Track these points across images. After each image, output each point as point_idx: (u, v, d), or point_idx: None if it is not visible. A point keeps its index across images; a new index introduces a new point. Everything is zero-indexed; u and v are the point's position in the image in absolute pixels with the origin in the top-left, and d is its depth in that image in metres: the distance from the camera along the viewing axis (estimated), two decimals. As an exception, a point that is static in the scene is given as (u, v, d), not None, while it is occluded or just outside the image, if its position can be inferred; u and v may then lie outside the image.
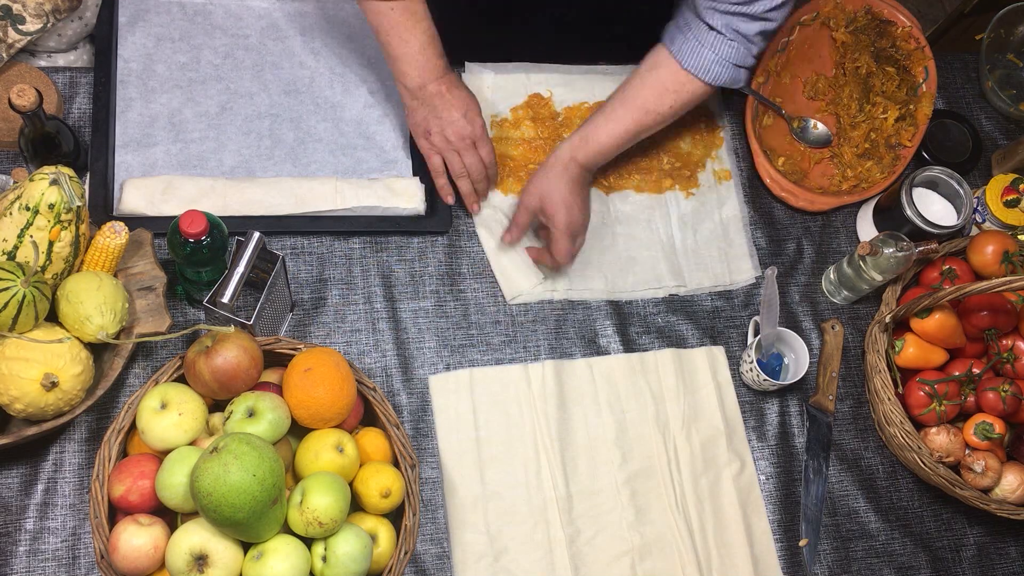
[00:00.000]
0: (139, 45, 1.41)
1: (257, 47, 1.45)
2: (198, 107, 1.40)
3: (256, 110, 1.41)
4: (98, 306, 1.10)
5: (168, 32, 1.42)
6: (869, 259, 1.35)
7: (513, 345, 1.36)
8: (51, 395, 1.06)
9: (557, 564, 1.26)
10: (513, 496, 1.28)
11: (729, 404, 1.38)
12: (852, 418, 1.42)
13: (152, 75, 1.40)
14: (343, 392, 1.13)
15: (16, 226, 1.08)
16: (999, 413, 1.33)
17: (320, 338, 1.32)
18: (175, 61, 1.41)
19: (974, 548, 1.39)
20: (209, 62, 1.43)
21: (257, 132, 1.40)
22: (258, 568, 1.02)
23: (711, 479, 1.34)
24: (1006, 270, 1.38)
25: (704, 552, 1.30)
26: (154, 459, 1.09)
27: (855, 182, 1.51)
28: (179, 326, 1.28)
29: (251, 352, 1.11)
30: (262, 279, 1.19)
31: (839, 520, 1.37)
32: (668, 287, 1.43)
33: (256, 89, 1.43)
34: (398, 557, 1.12)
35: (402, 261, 1.38)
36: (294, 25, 1.47)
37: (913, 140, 1.53)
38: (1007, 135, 1.64)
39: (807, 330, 1.45)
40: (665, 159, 1.50)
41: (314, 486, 1.06)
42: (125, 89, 1.38)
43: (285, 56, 1.45)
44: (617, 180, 1.47)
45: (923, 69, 1.54)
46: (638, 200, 1.48)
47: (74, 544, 1.18)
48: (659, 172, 1.49)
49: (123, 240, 1.16)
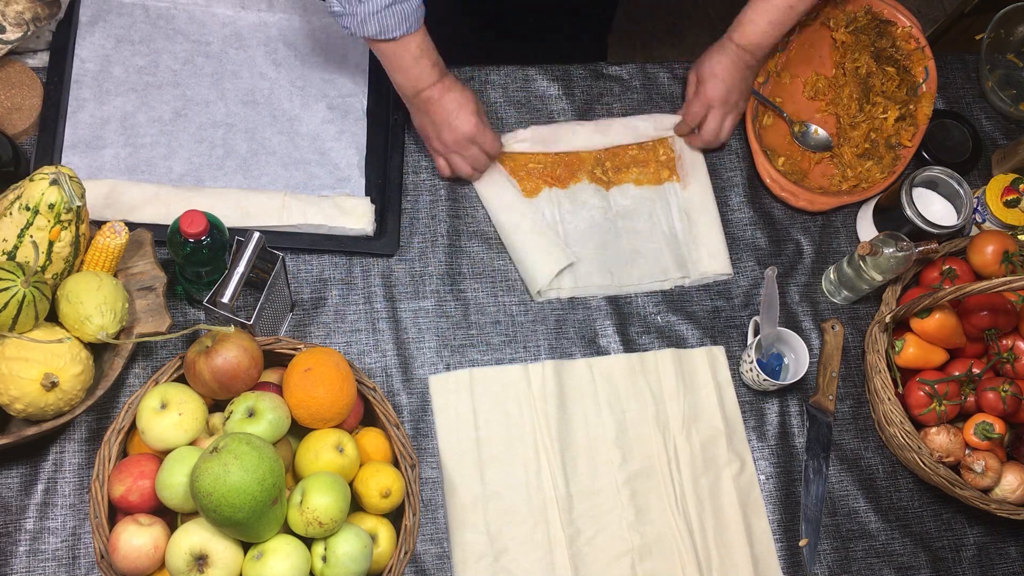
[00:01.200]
0: (97, 46, 1.39)
1: (218, 55, 1.43)
2: (152, 112, 1.38)
3: (211, 118, 1.39)
4: (98, 306, 1.10)
5: (128, 34, 1.41)
6: (869, 259, 1.35)
7: (513, 345, 1.36)
8: (51, 395, 1.06)
9: (557, 564, 1.26)
10: (513, 496, 1.28)
11: (729, 404, 1.38)
12: (852, 418, 1.42)
13: (108, 77, 1.38)
14: (343, 392, 1.13)
15: (16, 226, 1.08)
16: (999, 413, 1.33)
17: (320, 338, 1.32)
18: (133, 64, 1.39)
19: (974, 548, 1.39)
20: (168, 67, 1.41)
21: (210, 141, 1.38)
22: (258, 568, 1.02)
23: (711, 479, 1.34)
24: (1006, 270, 1.38)
25: (704, 552, 1.30)
26: (154, 459, 1.09)
27: (855, 182, 1.51)
28: (179, 326, 1.28)
29: (251, 352, 1.12)
30: (262, 279, 1.19)
31: (839, 520, 1.37)
32: (673, 279, 1.43)
33: (213, 97, 1.41)
34: (398, 557, 1.12)
35: (402, 261, 1.38)
36: (258, 35, 1.45)
37: (913, 140, 1.53)
38: (1007, 135, 1.64)
39: (807, 330, 1.45)
40: (661, 150, 1.50)
41: (314, 486, 1.06)
42: (79, 90, 1.36)
43: (246, 65, 1.43)
44: (616, 175, 1.48)
45: (923, 69, 1.54)
46: (638, 193, 1.47)
47: (74, 544, 1.18)
48: (656, 164, 1.49)
49: (123, 240, 1.16)
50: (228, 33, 1.45)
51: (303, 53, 1.45)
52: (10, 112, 1.31)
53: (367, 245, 1.36)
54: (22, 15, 1.28)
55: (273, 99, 1.42)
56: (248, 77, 1.43)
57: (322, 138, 1.41)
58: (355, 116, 1.43)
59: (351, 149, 1.42)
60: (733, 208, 1.50)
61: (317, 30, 1.47)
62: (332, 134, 1.42)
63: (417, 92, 1.31)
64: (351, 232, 1.34)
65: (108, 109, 1.37)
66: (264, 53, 1.44)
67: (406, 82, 1.31)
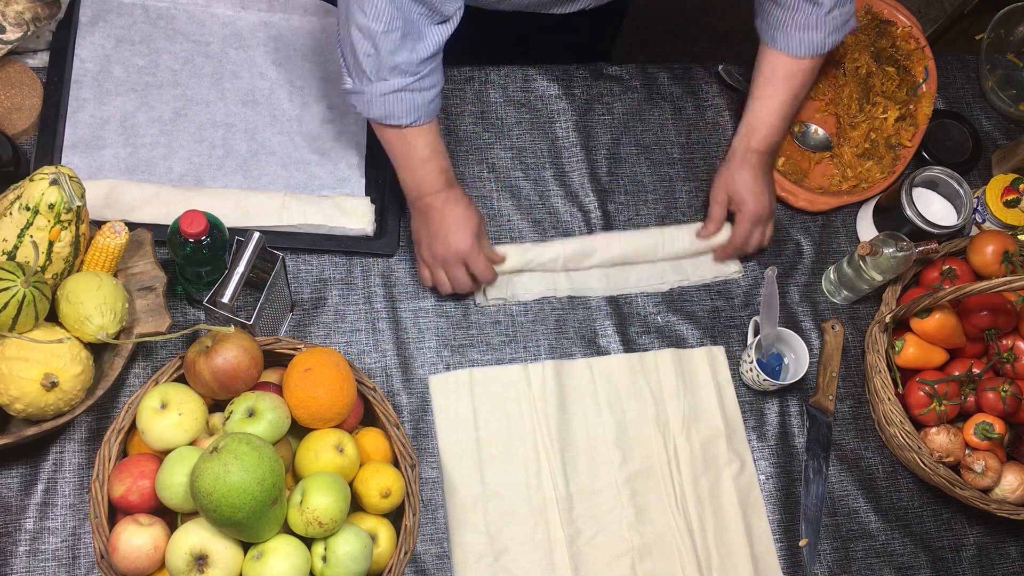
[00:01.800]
0: (98, 46, 1.39)
1: (218, 55, 1.43)
2: (152, 111, 1.38)
3: (211, 118, 1.39)
4: (98, 306, 1.10)
5: (128, 34, 1.41)
6: (869, 259, 1.35)
7: (513, 345, 1.36)
8: (51, 395, 1.06)
9: (557, 564, 1.26)
10: (513, 496, 1.28)
11: (729, 404, 1.38)
12: (852, 418, 1.42)
13: (108, 77, 1.38)
14: (343, 392, 1.13)
15: (16, 226, 1.08)
16: (999, 413, 1.33)
17: (320, 338, 1.32)
18: (133, 64, 1.39)
19: (974, 548, 1.39)
20: (168, 67, 1.41)
21: (210, 141, 1.38)
22: (258, 568, 1.02)
23: (711, 479, 1.34)
24: (1006, 270, 1.38)
25: (704, 552, 1.30)
26: (154, 459, 1.09)
27: (855, 182, 1.51)
28: (179, 326, 1.28)
29: (251, 352, 1.12)
30: (262, 279, 1.19)
31: (839, 520, 1.37)
32: (670, 281, 1.43)
33: (213, 97, 1.41)
34: (398, 557, 1.12)
35: (402, 261, 1.38)
36: (258, 35, 1.45)
37: (913, 140, 1.53)
38: (1007, 135, 1.64)
39: (807, 330, 1.45)
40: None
41: (314, 486, 1.06)
42: (79, 89, 1.36)
43: (246, 66, 1.43)
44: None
45: (923, 69, 1.54)
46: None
47: (74, 544, 1.18)
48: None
49: (123, 240, 1.16)
50: (228, 33, 1.44)
51: (303, 53, 1.45)
52: (10, 112, 1.31)
53: (367, 245, 1.36)
54: (22, 15, 1.28)
55: (273, 99, 1.42)
56: (248, 77, 1.43)
57: (322, 138, 1.41)
58: (355, 116, 1.43)
59: (351, 149, 1.42)
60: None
61: (317, 30, 1.47)
62: (332, 134, 1.42)
63: (420, 196, 1.27)
64: (351, 232, 1.34)
65: (108, 109, 1.37)
66: (264, 53, 1.44)
67: (411, 182, 1.27)
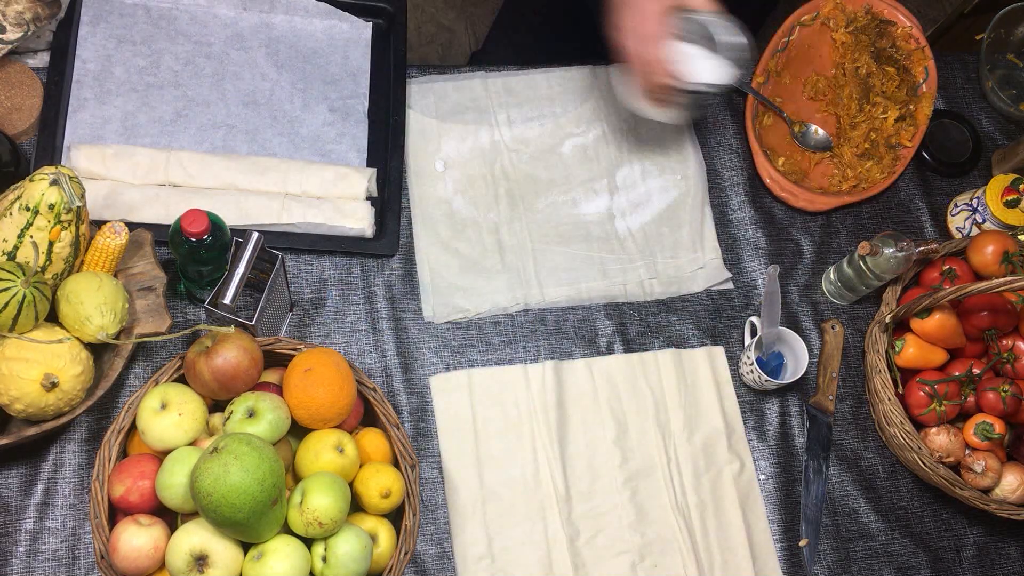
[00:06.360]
0: (99, 46, 1.39)
1: (219, 56, 1.43)
2: (153, 112, 1.37)
3: (212, 119, 1.39)
4: (98, 306, 1.10)
5: (130, 34, 1.40)
6: (869, 259, 1.35)
7: (513, 345, 1.36)
8: (51, 395, 1.06)
9: (557, 564, 1.26)
10: (513, 496, 1.28)
11: (729, 404, 1.38)
12: (852, 418, 1.42)
13: (109, 77, 1.38)
14: (343, 392, 1.13)
15: (16, 226, 1.08)
16: (999, 413, 1.33)
17: (320, 338, 1.32)
18: (134, 64, 1.39)
19: (974, 548, 1.39)
20: (169, 67, 1.40)
21: (210, 142, 1.38)
22: (258, 568, 1.02)
23: (711, 479, 1.34)
24: (1006, 270, 1.38)
25: (704, 552, 1.30)
26: (154, 459, 1.09)
27: (855, 182, 1.51)
28: (179, 326, 1.28)
29: (251, 352, 1.12)
30: (262, 279, 1.19)
31: (839, 520, 1.37)
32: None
33: (214, 98, 1.40)
34: (398, 557, 1.12)
35: (402, 261, 1.38)
36: (259, 36, 1.45)
37: (913, 140, 1.53)
38: (1007, 135, 1.64)
39: (807, 330, 1.45)
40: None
41: (314, 486, 1.06)
42: (80, 89, 1.36)
43: (247, 67, 1.43)
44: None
45: (923, 69, 1.54)
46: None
47: (74, 544, 1.18)
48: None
49: (123, 240, 1.16)
50: (230, 34, 1.44)
51: (305, 55, 1.45)
52: (10, 112, 1.31)
53: (367, 246, 1.36)
54: (22, 15, 1.28)
55: (274, 100, 1.42)
56: (249, 78, 1.43)
57: (323, 140, 1.41)
58: (356, 118, 1.43)
59: (352, 151, 1.41)
60: (733, 208, 1.50)
61: (319, 32, 1.47)
62: (333, 136, 1.42)
63: None
64: (351, 233, 1.34)
65: (109, 109, 1.37)
66: (265, 54, 1.44)
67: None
